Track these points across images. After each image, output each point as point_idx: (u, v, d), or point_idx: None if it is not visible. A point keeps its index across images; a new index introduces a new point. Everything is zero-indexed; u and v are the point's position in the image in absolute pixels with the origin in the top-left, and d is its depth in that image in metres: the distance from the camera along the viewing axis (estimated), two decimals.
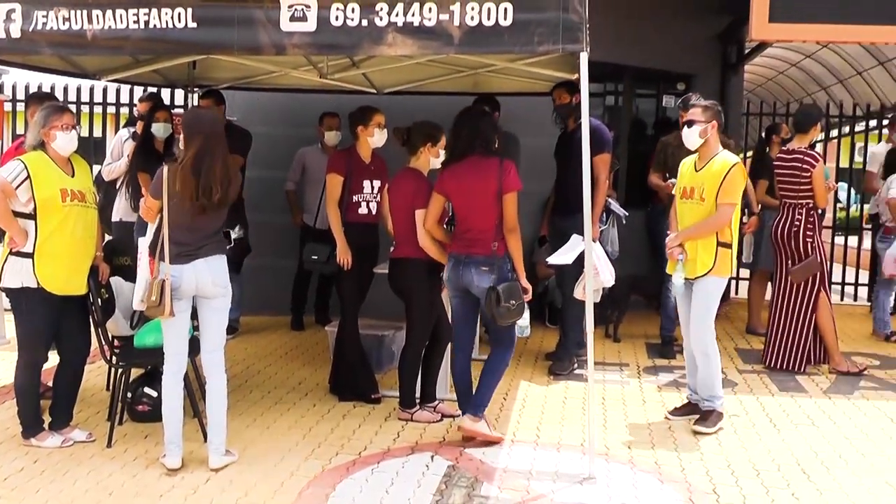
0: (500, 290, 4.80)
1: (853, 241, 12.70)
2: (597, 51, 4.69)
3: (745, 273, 8.81)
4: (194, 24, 4.39)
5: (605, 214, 6.92)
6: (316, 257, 5.99)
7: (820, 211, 7.17)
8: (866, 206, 10.11)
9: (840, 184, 16.35)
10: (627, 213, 7.21)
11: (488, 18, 4.25)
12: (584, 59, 4.37)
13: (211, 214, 4.45)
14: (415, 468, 4.62)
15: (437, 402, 5.58)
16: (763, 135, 8.96)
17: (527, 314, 4.95)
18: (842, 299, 11.00)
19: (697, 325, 5.40)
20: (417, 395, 5.53)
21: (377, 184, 5.86)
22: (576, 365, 6.66)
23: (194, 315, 4.62)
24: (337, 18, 4.30)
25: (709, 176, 5.32)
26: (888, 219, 8.33)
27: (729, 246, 5.30)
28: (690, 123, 5.40)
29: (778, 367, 6.96)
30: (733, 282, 10.58)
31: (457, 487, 4.36)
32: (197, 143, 4.42)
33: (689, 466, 4.77)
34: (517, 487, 4.39)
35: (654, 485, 4.50)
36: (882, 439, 5.36)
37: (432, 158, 5.46)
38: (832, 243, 12.12)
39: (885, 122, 10.58)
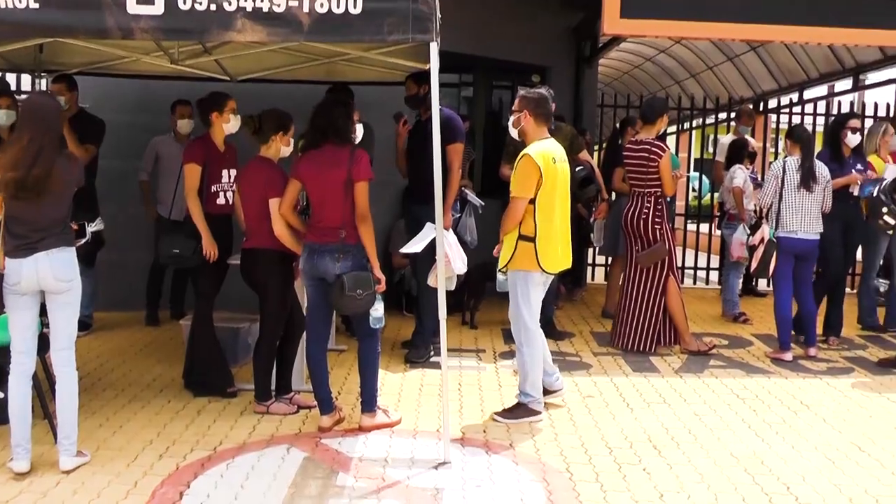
0: (346, 279, 4.80)
1: (705, 227, 13.20)
2: (449, 41, 4.73)
3: (599, 259, 9.03)
4: (36, 5, 4.16)
5: (458, 203, 6.98)
6: (178, 251, 5.80)
7: (668, 199, 7.43)
8: (716, 195, 10.53)
9: (695, 173, 16.95)
10: (483, 203, 7.30)
11: (338, 6, 4.22)
12: (433, 49, 4.39)
13: (37, 205, 4.24)
14: (271, 461, 4.56)
15: (292, 394, 5.52)
16: (618, 125, 9.24)
17: (380, 305, 4.95)
18: (694, 283, 11.45)
19: (511, 319, 5.46)
20: (273, 387, 5.46)
21: (233, 172, 5.77)
22: (432, 353, 6.68)
23: (44, 311, 4.43)
24: (185, 2, 4.18)
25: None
26: (731, 206, 8.70)
27: (531, 239, 5.21)
28: (511, 113, 5.50)
29: (629, 348, 7.19)
30: (588, 268, 10.86)
31: (312, 479, 4.33)
32: (24, 131, 4.24)
33: (544, 447, 4.87)
34: (373, 475, 4.39)
35: (508, 466, 4.58)
36: (729, 414, 5.59)
37: (283, 147, 5.41)
38: (685, 230, 12.62)
39: (733, 114, 11.07)
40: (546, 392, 5.50)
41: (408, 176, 7.02)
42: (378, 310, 4.95)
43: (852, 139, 7.68)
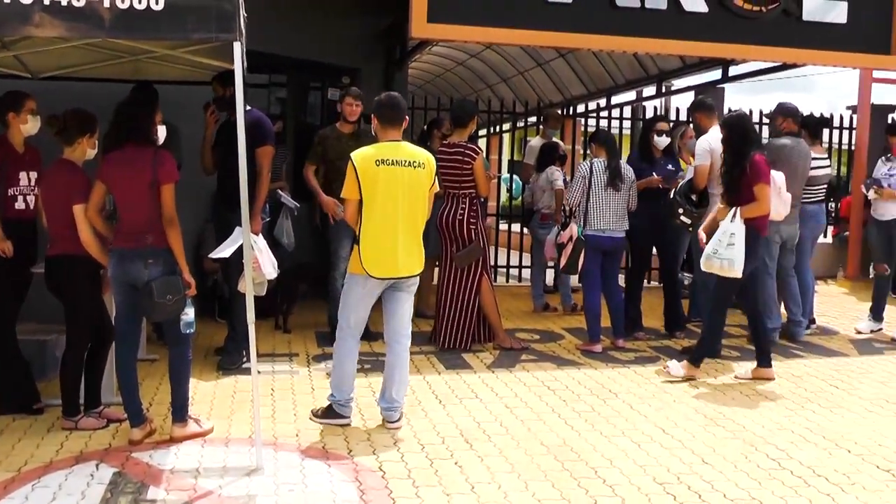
0: (154, 286, 4.67)
1: (517, 227, 13.50)
2: (258, 41, 4.66)
3: None
4: None
5: (272, 206, 6.89)
6: None
7: (482, 199, 7.59)
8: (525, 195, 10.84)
9: (507, 175, 17.33)
10: (298, 205, 7.24)
11: (139, 2, 4.10)
12: (237, 48, 4.33)
13: None
14: (79, 480, 4.35)
15: (102, 408, 5.29)
16: (425, 128, 9.36)
17: (191, 309, 4.83)
18: (507, 281, 11.72)
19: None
20: (82, 400, 5.22)
21: (34, 175, 5.48)
22: (245, 358, 6.52)
23: None
24: None
25: None
26: (545, 206, 8.99)
27: (358, 242, 5.20)
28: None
29: (447, 346, 7.29)
30: None
31: (122, 494, 4.17)
32: None
33: (357, 447, 4.87)
34: (184, 487, 4.27)
35: (321, 469, 4.55)
36: (540, 406, 5.76)
37: (89, 150, 5.19)
38: (497, 229, 12.92)
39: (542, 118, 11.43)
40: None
41: (217, 179, 6.85)
42: (188, 314, 4.83)
43: (660, 141, 8.08)
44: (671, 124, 9.94)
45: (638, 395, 6.13)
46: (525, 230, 10.90)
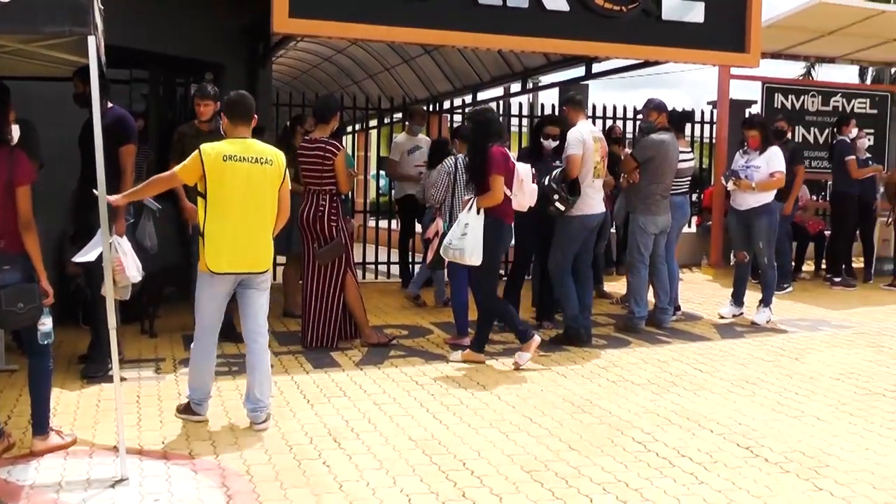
0: (3, 293, 4.47)
1: (385, 223, 13.52)
2: (118, 35, 4.50)
3: (281, 259, 9.03)
4: None
5: (132, 207, 6.69)
6: None
7: (343, 196, 7.55)
8: (393, 192, 10.88)
9: (376, 172, 17.33)
10: (160, 206, 7.05)
11: None
12: (91, 43, 4.18)
13: None
14: None
15: None
16: (288, 124, 9.27)
17: (48, 319, 4.64)
18: (376, 277, 11.70)
19: None
20: None
21: None
22: (111, 365, 6.33)
23: None
24: None
25: None
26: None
27: (202, 235, 5.15)
28: None
29: (315, 345, 7.24)
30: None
31: None
32: None
33: (224, 452, 4.78)
34: (45, 503, 4.11)
35: (188, 475, 4.44)
36: (408, 401, 5.77)
37: None
38: (364, 226, 12.91)
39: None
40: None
41: (79, 179, 6.60)
42: (46, 324, 4.62)
43: (547, 145, 8.14)
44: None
45: (507, 386, 6.21)
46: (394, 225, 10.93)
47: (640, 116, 10.02)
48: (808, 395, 6.14)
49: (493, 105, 12.99)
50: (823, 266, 12.29)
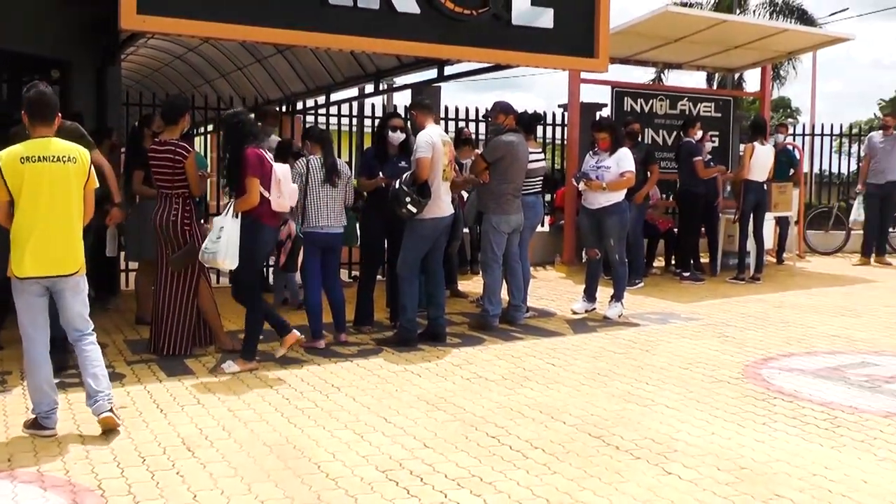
0: None
1: None
2: None
3: (134, 265, 8.78)
4: None
5: None
6: None
7: (196, 199, 7.39)
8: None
9: None
10: None
11: None
12: None
13: None
14: None
15: None
16: (137, 125, 9.02)
17: None
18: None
19: None
20: None
21: None
22: None
23: None
24: None
25: None
26: None
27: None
28: None
29: (168, 353, 7.05)
30: (122, 274, 10.48)
31: None
32: None
33: (74, 468, 4.60)
34: None
35: (36, 494, 4.25)
36: (262, 406, 5.69)
37: None
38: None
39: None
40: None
41: None
42: None
43: (394, 137, 8.17)
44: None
45: (360, 387, 6.20)
46: None
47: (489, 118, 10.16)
48: (658, 384, 6.37)
49: (347, 105, 13.11)
50: (673, 262, 12.76)
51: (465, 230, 11.18)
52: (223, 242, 6.39)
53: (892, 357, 7.36)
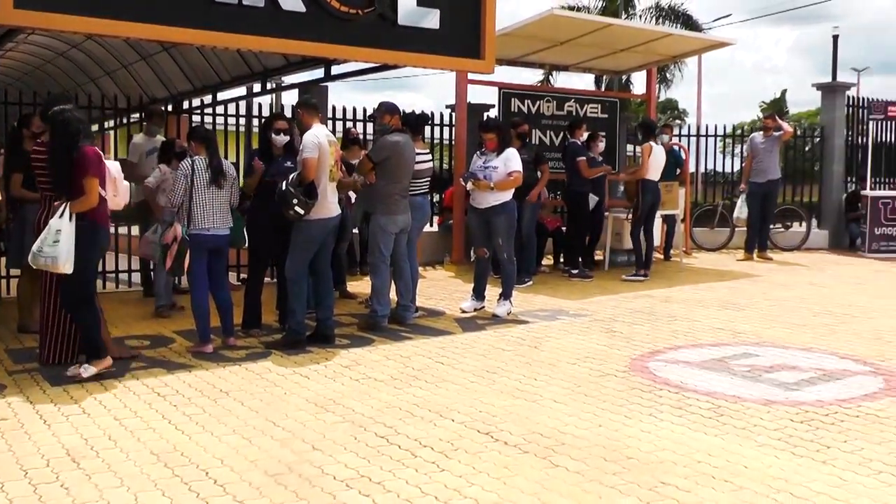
0: None
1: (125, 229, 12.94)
2: None
3: (15, 272, 8.49)
4: None
5: None
6: None
7: None
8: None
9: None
10: None
11: None
12: None
13: None
14: None
15: None
16: (16, 125, 8.73)
17: None
18: (117, 287, 11.19)
19: None
20: None
21: None
22: None
23: None
24: None
25: None
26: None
27: None
28: None
29: (52, 361, 6.84)
30: (3, 280, 10.14)
31: None
32: None
33: None
34: None
35: None
36: (150, 414, 5.59)
37: None
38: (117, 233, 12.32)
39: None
40: None
41: None
42: None
43: (277, 140, 8.09)
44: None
45: (249, 391, 6.14)
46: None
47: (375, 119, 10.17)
48: (546, 379, 6.48)
49: (235, 105, 12.92)
50: (562, 260, 12.97)
51: (355, 231, 11.17)
52: (63, 247, 6.15)
53: (772, 348, 7.65)
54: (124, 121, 13.01)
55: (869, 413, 5.68)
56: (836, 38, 28.58)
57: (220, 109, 12.87)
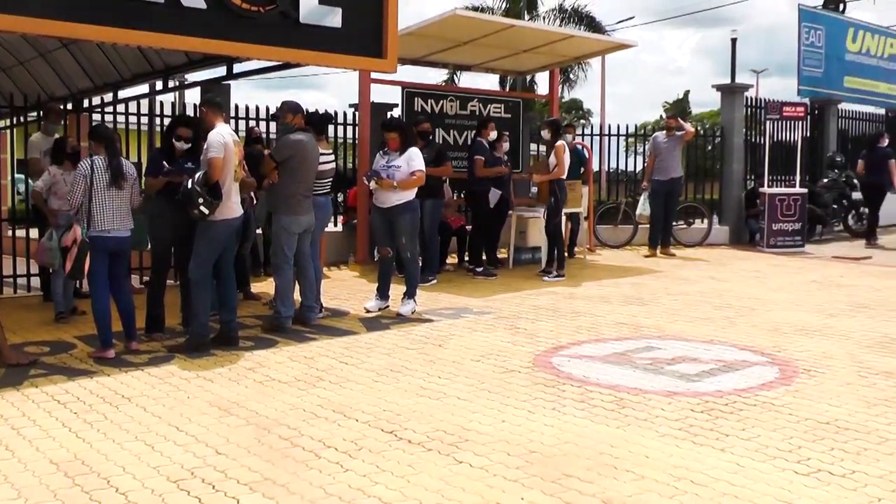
0: None
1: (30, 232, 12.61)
2: None
3: None
4: None
5: None
6: None
7: None
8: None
9: (19, 175, 16.16)
10: None
11: None
12: None
13: None
14: None
15: None
16: None
17: None
18: (15, 292, 10.90)
19: None
20: None
21: None
22: None
23: None
24: None
25: None
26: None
27: None
28: None
29: None
30: None
31: None
32: None
33: None
34: None
35: None
36: (49, 422, 5.45)
37: None
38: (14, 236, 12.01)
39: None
40: None
41: None
42: None
43: (179, 147, 7.97)
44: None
45: (152, 396, 6.05)
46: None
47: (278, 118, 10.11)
48: (451, 377, 6.54)
49: (137, 103, 12.68)
50: (466, 258, 13.07)
51: (259, 231, 11.08)
52: None
53: (674, 341, 7.87)
54: (21, 119, 12.64)
55: (766, 402, 5.90)
56: (734, 41, 29.44)
57: (121, 108, 12.59)
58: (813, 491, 4.36)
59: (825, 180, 18.18)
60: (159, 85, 12.75)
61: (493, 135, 12.58)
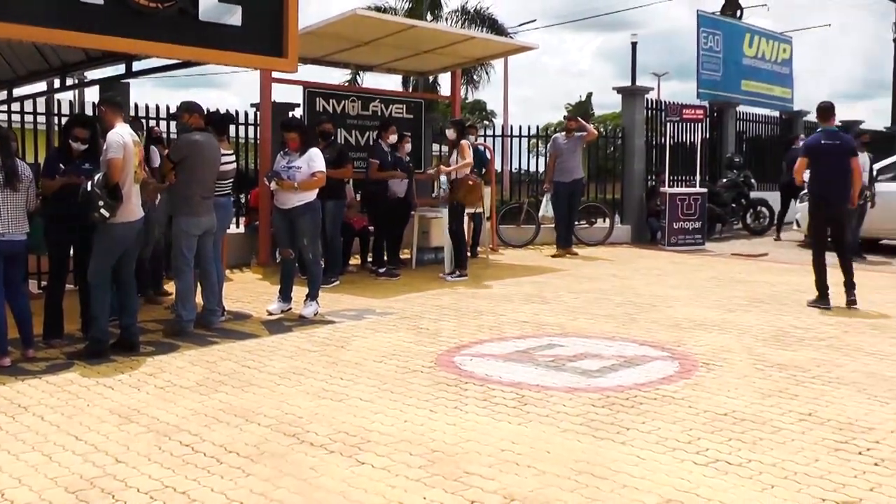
0: None
1: None
2: None
3: None
4: None
5: None
6: None
7: None
8: None
9: None
10: None
11: None
12: None
13: None
14: None
15: None
16: None
17: None
18: None
19: None
20: None
21: None
22: None
23: None
24: None
25: None
26: None
27: None
28: None
29: None
30: None
31: None
32: None
33: None
34: None
35: None
36: None
37: None
38: None
39: None
40: None
41: None
42: None
43: (76, 148, 7.81)
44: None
45: (50, 405, 5.92)
46: None
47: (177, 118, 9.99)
48: (353, 379, 6.58)
49: (33, 102, 12.34)
50: (369, 259, 13.08)
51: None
52: None
53: (576, 338, 8.05)
54: None
55: (665, 395, 6.11)
56: (634, 45, 29.94)
57: (16, 107, 12.23)
58: (711, 480, 4.55)
59: (724, 180, 18.80)
60: (57, 83, 12.47)
61: (394, 138, 12.61)
